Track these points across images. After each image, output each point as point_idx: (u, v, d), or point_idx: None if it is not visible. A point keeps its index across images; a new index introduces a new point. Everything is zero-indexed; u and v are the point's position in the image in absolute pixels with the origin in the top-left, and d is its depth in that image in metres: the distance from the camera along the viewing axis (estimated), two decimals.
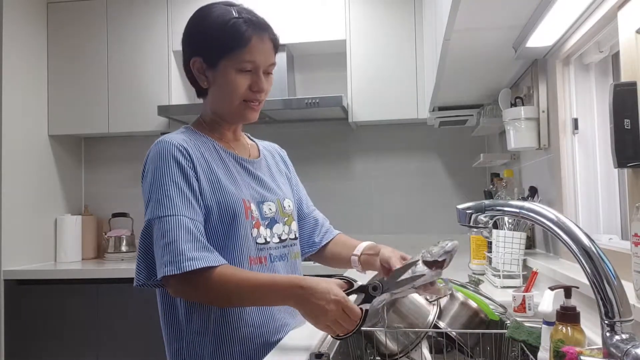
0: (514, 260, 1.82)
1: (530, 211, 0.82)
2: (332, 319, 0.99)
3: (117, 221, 3.30)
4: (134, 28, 3.10)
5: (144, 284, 1.13)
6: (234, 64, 1.15)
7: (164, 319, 1.20)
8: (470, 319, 1.24)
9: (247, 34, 1.14)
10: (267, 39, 1.18)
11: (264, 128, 3.24)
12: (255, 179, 1.26)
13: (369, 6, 2.95)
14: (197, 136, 1.21)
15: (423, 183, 3.22)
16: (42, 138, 3.11)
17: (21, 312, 2.80)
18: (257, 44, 1.16)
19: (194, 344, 1.14)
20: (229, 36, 1.14)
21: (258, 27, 1.17)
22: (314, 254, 1.42)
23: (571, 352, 0.77)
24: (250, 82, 1.18)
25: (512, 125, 1.99)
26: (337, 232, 1.45)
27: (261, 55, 1.17)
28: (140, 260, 1.13)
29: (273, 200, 1.26)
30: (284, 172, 1.40)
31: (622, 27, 1.23)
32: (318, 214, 1.46)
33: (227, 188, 1.16)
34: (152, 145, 1.17)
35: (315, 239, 1.41)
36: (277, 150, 1.45)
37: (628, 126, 1.15)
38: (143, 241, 1.13)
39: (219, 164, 1.19)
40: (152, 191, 1.11)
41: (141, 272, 1.13)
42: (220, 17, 1.16)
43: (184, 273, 1.03)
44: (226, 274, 1.06)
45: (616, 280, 0.75)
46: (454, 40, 1.65)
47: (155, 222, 1.08)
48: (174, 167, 1.11)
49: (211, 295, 1.08)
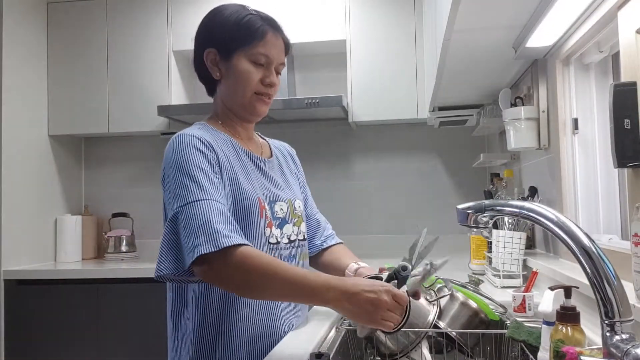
0: (514, 260, 1.82)
1: (530, 211, 0.82)
2: (385, 309, 0.96)
3: (117, 221, 3.30)
4: (134, 28, 3.10)
5: (166, 276, 1.05)
6: (248, 56, 1.18)
7: (172, 315, 1.19)
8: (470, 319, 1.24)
9: (263, 28, 1.18)
10: (281, 38, 1.23)
11: (264, 128, 3.23)
12: (268, 178, 1.26)
13: (369, 6, 2.95)
14: (213, 132, 1.21)
15: (423, 183, 3.22)
16: (42, 138, 3.11)
17: (21, 312, 2.80)
18: (272, 39, 1.20)
19: (201, 342, 1.14)
20: (245, 28, 1.18)
21: (273, 25, 1.21)
22: (311, 256, 1.40)
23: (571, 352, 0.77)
24: (263, 75, 1.20)
25: (512, 125, 1.99)
26: (338, 240, 1.44)
27: (275, 50, 1.20)
28: (165, 251, 1.05)
29: (285, 201, 1.26)
30: (294, 172, 1.41)
31: (622, 27, 1.23)
32: (321, 216, 1.46)
33: (244, 185, 1.16)
34: (171, 139, 1.15)
35: (317, 242, 1.41)
36: (288, 150, 1.45)
37: (628, 126, 1.15)
38: (170, 231, 1.06)
39: (236, 160, 1.19)
40: (179, 180, 1.07)
41: (164, 262, 1.05)
42: (237, 13, 1.20)
43: (222, 250, 0.98)
44: (262, 254, 1.02)
45: (616, 280, 0.75)
46: (454, 40, 1.65)
47: (185, 208, 1.04)
48: (198, 154, 1.10)
49: (245, 275, 1.01)
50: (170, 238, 1.06)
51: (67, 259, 3.11)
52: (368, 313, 0.96)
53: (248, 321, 1.15)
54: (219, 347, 1.13)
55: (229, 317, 1.14)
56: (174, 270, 1.04)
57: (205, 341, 1.14)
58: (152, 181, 3.37)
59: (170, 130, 3.08)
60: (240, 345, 1.14)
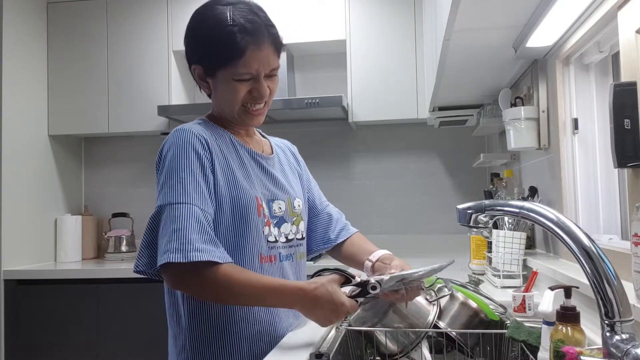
0: (514, 260, 1.82)
1: (530, 211, 0.82)
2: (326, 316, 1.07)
3: (117, 221, 3.30)
4: (134, 28, 3.10)
5: (143, 272, 1.11)
6: (231, 75, 1.14)
7: (170, 315, 1.19)
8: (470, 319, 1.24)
9: (242, 45, 1.11)
10: (266, 44, 1.14)
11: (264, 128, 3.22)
12: (268, 175, 1.25)
13: (369, 6, 2.95)
14: (214, 129, 1.20)
15: (423, 183, 3.22)
16: (42, 138, 3.10)
17: (21, 312, 2.80)
18: (253, 53, 1.12)
19: (199, 342, 1.13)
20: (224, 47, 1.12)
21: (254, 34, 1.12)
22: (330, 250, 1.40)
23: (571, 352, 0.77)
24: (251, 88, 1.16)
25: (512, 125, 1.99)
26: (354, 230, 1.43)
27: (258, 63, 1.14)
28: (144, 248, 1.11)
29: (283, 199, 1.25)
30: (296, 169, 1.40)
31: (622, 27, 1.23)
32: (332, 208, 1.44)
33: (242, 184, 1.16)
34: (171, 132, 1.16)
35: (331, 236, 1.39)
36: (289, 147, 1.44)
37: (628, 126, 1.15)
38: (151, 227, 1.10)
39: (234, 158, 1.19)
40: (167, 177, 1.09)
41: (142, 258, 1.10)
42: (217, 26, 1.13)
43: (189, 263, 1.00)
44: (232, 274, 1.04)
45: (616, 280, 0.75)
46: (454, 40, 1.65)
47: (166, 208, 1.06)
48: (192, 155, 1.10)
49: (211, 291, 1.06)
50: (149, 235, 1.10)
51: (67, 259, 3.10)
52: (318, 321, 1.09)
53: (247, 321, 1.15)
54: (218, 348, 1.13)
55: (228, 316, 1.13)
56: (148, 268, 1.09)
57: (204, 341, 1.13)
58: (152, 181, 3.34)
59: (170, 130, 3.07)
60: (240, 345, 1.14)
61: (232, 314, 1.14)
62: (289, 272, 1.23)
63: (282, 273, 1.21)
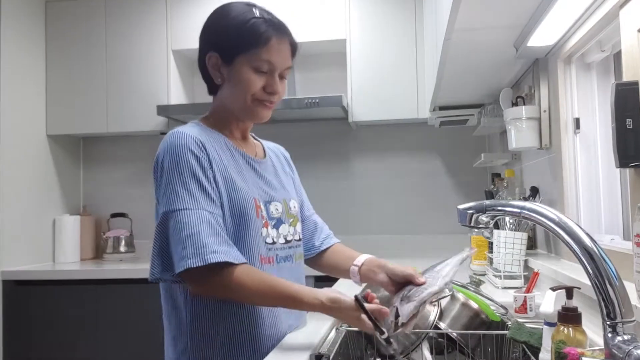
0: (515, 260, 1.81)
1: (532, 211, 0.81)
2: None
3: (115, 221, 3.29)
4: (132, 27, 3.10)
5: (159, 279, 1.10)
6: (250, 62, 1.15)
7: (168, 318, 1.18)
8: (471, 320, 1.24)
9: (267, 34, 1.14)
10: (287, 42, 1.19)
11: (264, 128, 3.22)
12: (262, 178, 1.25)
13: (369, 6, 2.94)
14: (208, 132, 1.20)
15: (423, 183, 3.21)
16: (40, 138, 3.10)
17: (20, 312, 2.80)
18: (276, 45, 1.15)
19: (201, 344, 1.12)
20: (248, 33, 1.14)
21: (278, 29, 1.17)
22: (311, 258, 1.39)
23: (573, 353, 0.77)
24: (265, 83, 1.17)
25: (513, 124, 1.98)
26: (336, 240, 1.43)
27: (279, 56, 1.17)
28: (156, 255, 1.09)
29: (280, 201, 1.25)
30: (289, 173, 1.40)
31: (624, 26, 1.22)
32: (317, 217, 1.45)
33: (239, 185, 1.15)
34: (167, 135, 1.15)
35: (315, 242, 1.39)
36: (282, 152, 1.44)
37: (630, 126, 1.14)
38: (159, 235, 1.09)
39: (230, 161, 1.18)
40: (168, 182, 1.08)
41: (156, 266, 1.09)
42: (241, 15, 1.16)
43: (208, 265, 1.01)
44: (249, 274, 1.05)
45: (618, 280, 0.74)
46: (454, 40, 1.64)
47: (173, 214, 1.06)
48: (191, 158, 1.10)
49: (231, 291, 1.06)
50: (161, 243, 1.09)
51: (66, 259, 3.10)
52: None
53: (249, 322, 1.14)
54: (220, 348, 1.12)
55: (227, 317, 1.13)
56: (165, 275, 1.08)
57: (206, 343, 1.13)
58: (151, 181, 3.32)
59: (169, 130, 3.07)
60: (239, 345, 1.13)
61: (233, 315, 1.13)
62: (287, 274, 1.22)
63: (279, 275, 1.20)
